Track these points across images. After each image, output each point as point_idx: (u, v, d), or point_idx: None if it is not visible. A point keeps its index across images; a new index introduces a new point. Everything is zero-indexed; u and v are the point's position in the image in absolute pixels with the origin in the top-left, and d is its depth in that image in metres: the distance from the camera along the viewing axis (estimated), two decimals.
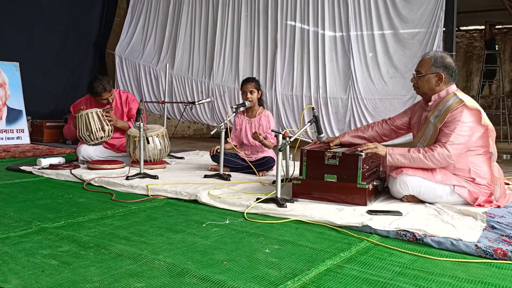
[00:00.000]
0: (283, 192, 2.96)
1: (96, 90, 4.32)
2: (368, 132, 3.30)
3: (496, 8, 8.94)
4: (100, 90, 4.31)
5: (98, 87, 4.30)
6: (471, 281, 1.69)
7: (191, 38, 7.30)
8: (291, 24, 6.47)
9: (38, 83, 7.05)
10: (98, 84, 4.31)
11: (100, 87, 4.30)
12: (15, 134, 6.20)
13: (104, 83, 4.33)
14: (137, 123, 3.69)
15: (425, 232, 2.18)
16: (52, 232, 2.24)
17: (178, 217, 2.60)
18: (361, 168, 2.76)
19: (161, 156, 4.33)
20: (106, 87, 4.34)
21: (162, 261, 1.84)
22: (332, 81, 6.15)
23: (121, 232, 2.25)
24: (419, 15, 5.58)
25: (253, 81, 4.08)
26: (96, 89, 4.31)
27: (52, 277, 1.67)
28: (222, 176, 3.68)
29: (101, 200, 3.01)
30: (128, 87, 7.74)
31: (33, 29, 7.04)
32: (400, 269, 1.81)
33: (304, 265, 1.83)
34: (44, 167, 4.09)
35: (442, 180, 2.75)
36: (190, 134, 9.51)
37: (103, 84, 4.32)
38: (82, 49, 7.91)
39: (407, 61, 5.66)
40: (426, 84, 2.91)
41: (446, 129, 2.73)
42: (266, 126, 4.08)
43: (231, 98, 6.85)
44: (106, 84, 4.34)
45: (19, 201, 2.95)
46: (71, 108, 4.63)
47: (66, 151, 5.52)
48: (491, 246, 1.98)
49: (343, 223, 2.38)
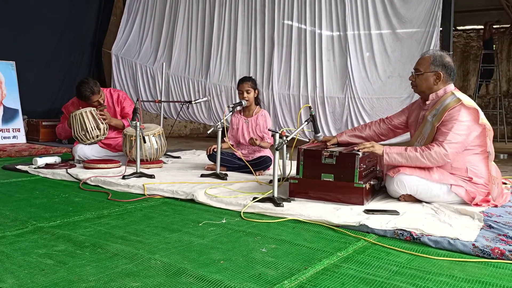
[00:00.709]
0: (280, 192, 2.95)
1: (84, 94, 4.23)
2: (365, 131, 3.29)
3: (493, 8, 8.96)
4: (88, 93, 4.23)
5: (86, 91, 4.22)
6: (468, 280, 1.69)
7: (188, 37, 7.29)
8: (288, 23, 6.46)
9: (34, 82, 7.03)
10: (86, 88, 4.22)
11: (87, 90, 4.22)
12: (11, 133, 6.18)
13: (91, 86, 4.23)
14: (134, 122, 3.68)
15: (422, 232, 2.18)
16: (48, 231, 2.23)
17: (174, 216, 2.59)
18: (358, 167, 2.76)
19: (158, 156, 4.32)
20: (94, 90, 4.25)
21: (159, 260, 1.83)
22: (329, 80, 6.15)
23: (117, 232, 2.24)
24: (416, 14, 5.59)
25: (249, 80, 4.07)
26: (84, 93, 4.23)
27: (48, 276, 1.65)
28: (219, 175, 3.67)
29: (97, 200, 3.00)
30: (125, 86, 7.72)
31: (29, 28, 7.01)
32: (397, 268, 1.80)
33: (301, 264, 1.82)
34: (40, 166, 4.07)
35: (439, 179, 2.74)
36: (187, 134, 9.49)
37: (90, 87, 4.23)
38: (78, 48, 7.89)
39: (405, 60, 5.67)
40: (424, 83, 2.90)
41: (444, 128, 2.73)
42: (263, 126, 4.07)
43: (228, 97, 6.84)
44: (93, 86, 4.25)
45: (15, 200, 2.94)
46: (62, 109, 4.58)
47: (62, 151, 5.49)
48: (489, 245, 1.98)
49: (340, 223, 2.37)
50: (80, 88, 4.24)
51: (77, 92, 4.29)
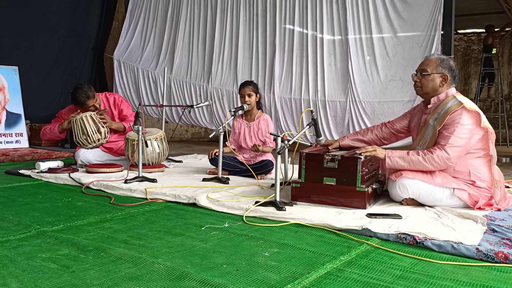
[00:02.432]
0: (282, 196, 2.95)
1: (79, 100, 4.22)
2: (367, 135, 3.29)
3: (494, 11, 8.98)
4: (83, 99, 4.21)
5: (81, 96, 4.20)
6: (472, 284, 1.68)
7: (190, 42, 7.32)
8: (289, 28, 6.48)
9: (37, 87, 7.06)
10: (81, 93, 4.20)
11: (83, 96, 4.20)
12: (14, 138, 6.19)
13: (85, 91, 4.22)
14: (136, 126, 3.68)
15: (425, 236, 2.18)
16: (51, 235, 2.23)
17: (177, 220, 2.59)
18: (360, 171, 2.76)
19: (160, 160, 4.33)
20: (89, 94, 4.23)
21: (162, 264, 1.83)
22: (330, 84, 6.16)
23: (120, 236, 2.24)
24: (417, 18, 5.60)
25: (251, 85, 4.08)
26: (79, 99, 4.21)
27: (51, 280, 1.66)
28: (221, 179, 3.67)
29: (100, 204, 3.00)
30: (127, 90, 7.75)
31: (32, 34, 7.05)
32: (401, 272, 1.80)
33: (304, 268, 1.82)
34: (43, 170, 4.07)
35: (442, 183, 2.74)
36: (188, 138, 9.50)
37: (85, 92, 4.21)
38: (80, 53, 7.92)
39: (406, 64, 5.68)
40: (431, 83, 2.89)
41: (445, 131, 2.73)
42: (265, 130, 4.07)
43: (230, 101, 6.86)
44: (88, 91, 4.23)
45: (18, 205, 2.94)
46: (57, 115, 4.55)
47: (65, 155, 5.50)
48: (492, 249, 1.98)
49: (343, 227, 2.37)
50: (75, 94, 4.22)
51: (72, 98, 4.27)
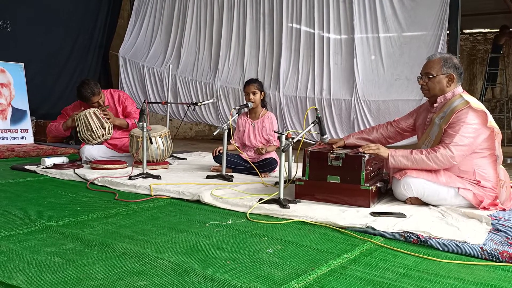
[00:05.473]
0: (286, 193, 2.95)
1: (84, 95, 4.25)
2: (373, 134, 3.29)
3: (500, 11, 8.92)
4: (88, 94, 4.25)
5: (86, 92, 4.24)
6: (477, 283, 1.68)
7: (197, 40, 7.33)
8: (296, 26, 6.48)
9: (42, 84, 7.09)
10: (86, 89, 4.23)
11: (88, 91, 4.24)
12: (20, 134, 6.22)
13: (91, 87, 4.25)
14: (141, 123, 3.69)
15: (429, 234, 2.17)
16: (56, 230, 2.25)
17: (181, 216, 2.59)
18: (364, 169, 2.75)
19: (164, 157, 4.33)
20: (94, 91, 4.26)
21: (166, 259, 1.84)
22: (336, 83, 6.15)
23: (124, 231, 2.25)
24: (424, 17, 5.58)
25: (255, 82, 4.08)
26: (84, 94, 4.25)
27: (56, 274, 1.67)
28: (225, 177, 3.67)
29: (105, 200, 3.01)
30: (132, 87, 7.77)
31: (37, 30, 7.07)
32: (405, 270, 1.80)
33: (307, 265, 1.82)
34: (48, 166, 4.10)
35: (447, 182, 2.73)
36: (192, 136, 9.51)
37: (91, 88, 4.24)
38: (86, 50, 7.95)
39: (412, 63, 5.65)
40: (438, 85, 2.87)
41: (451, 130, 2.72)
42: (269, 128, 4.07)
43: (235, 99, 6.87)
44: (93, 87, 4.26)
45: (24, 200, 2.96)
46: (62, 111, 4.58)
47: (70, 151, 5.53)
48: (497, 248, 1.97)
49: (347, 225, 2.37)
50: (81, 89, 4.26)
51: (78, 93, 4.31)
